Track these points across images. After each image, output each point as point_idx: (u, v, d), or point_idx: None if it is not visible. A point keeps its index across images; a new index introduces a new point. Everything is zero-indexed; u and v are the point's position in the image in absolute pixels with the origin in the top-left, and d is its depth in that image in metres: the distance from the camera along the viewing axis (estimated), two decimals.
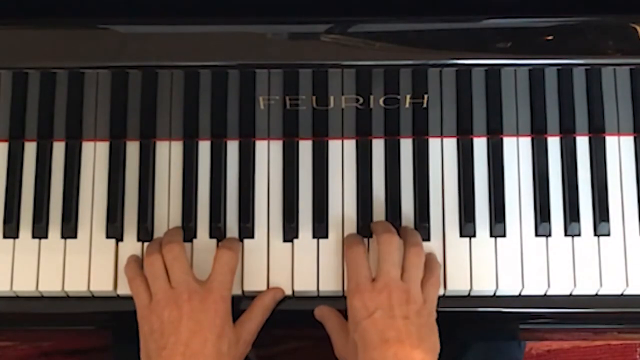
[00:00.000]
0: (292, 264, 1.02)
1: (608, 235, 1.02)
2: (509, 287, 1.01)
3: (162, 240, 1.00)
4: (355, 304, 0.95)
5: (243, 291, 1.02)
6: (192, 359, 0.92)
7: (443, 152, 1.04)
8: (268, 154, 1.04)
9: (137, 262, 1.01)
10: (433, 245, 1.02)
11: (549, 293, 1.02)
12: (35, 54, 0.85)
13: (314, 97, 0.94)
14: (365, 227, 1.02)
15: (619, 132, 1.04)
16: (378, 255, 0.97)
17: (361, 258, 0.97)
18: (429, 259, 1.00)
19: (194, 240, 1.03)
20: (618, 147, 1.04)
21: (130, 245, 1.03)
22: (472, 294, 1.02)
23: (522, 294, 1.02)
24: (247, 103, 0.96)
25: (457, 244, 1.02)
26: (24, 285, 1.01)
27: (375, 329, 0.92)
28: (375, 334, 0.92)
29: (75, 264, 1.02)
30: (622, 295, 1.02)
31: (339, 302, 0.99)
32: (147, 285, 0.97)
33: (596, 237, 1.02)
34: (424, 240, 1.01)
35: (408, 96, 0.95)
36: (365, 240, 1.02)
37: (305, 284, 1.01)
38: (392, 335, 0.91)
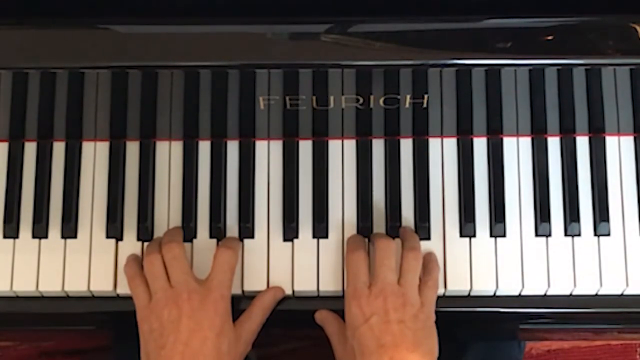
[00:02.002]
0: (292, 264, 1.02)
1: (608, 235, 1.02)
2: (509, 287, 1.01)
3: (161, 240, 1.00)
4: (352, 309, 0.94)
5: (243, 291, 1.02)
6: (192, 358, 0.92)
7: (443, 152, 1.04)
8: (268, 154, 1.04)
9: (137, 262, 1.01)
10: (433, 245, 1.02)
11: (549, 293, 1.02)
12: (35, 54, 0.85)
13: (314, 97, 0.94)
14: (365, 227, 1.02)
15: (619, 132, 1.04)
16: (375, 260, 0.97)
17: (361, 263, 0.97)
18: (428, 260, 1.00)
19: (194, 240, 1.03)
20: (618, 147, 1.04)
21: (130, 245, 1.02)
22: (472, 294, 1.02)
23: (522, 294, 1.02)
24: (247, 103, 0.96)
25: (457, 244, 1.02)
26: (24, 285, 1.01)
27: (372, 335, 0.92)
28: (372, 339, 0.92)
29: (75, 264, 1.02)
30: (622, 295, 1.02)
31: (339, 302, 0.99)
32: (147, 284, 0.97)
33: (596, 237, 1.02)
34: (424, 240, 1.01)
35: (408, 96, 0.95)
36: (366, 240, 1.02)
37: (305, 284, 1.01)
38: (388, 340, 0.91)
